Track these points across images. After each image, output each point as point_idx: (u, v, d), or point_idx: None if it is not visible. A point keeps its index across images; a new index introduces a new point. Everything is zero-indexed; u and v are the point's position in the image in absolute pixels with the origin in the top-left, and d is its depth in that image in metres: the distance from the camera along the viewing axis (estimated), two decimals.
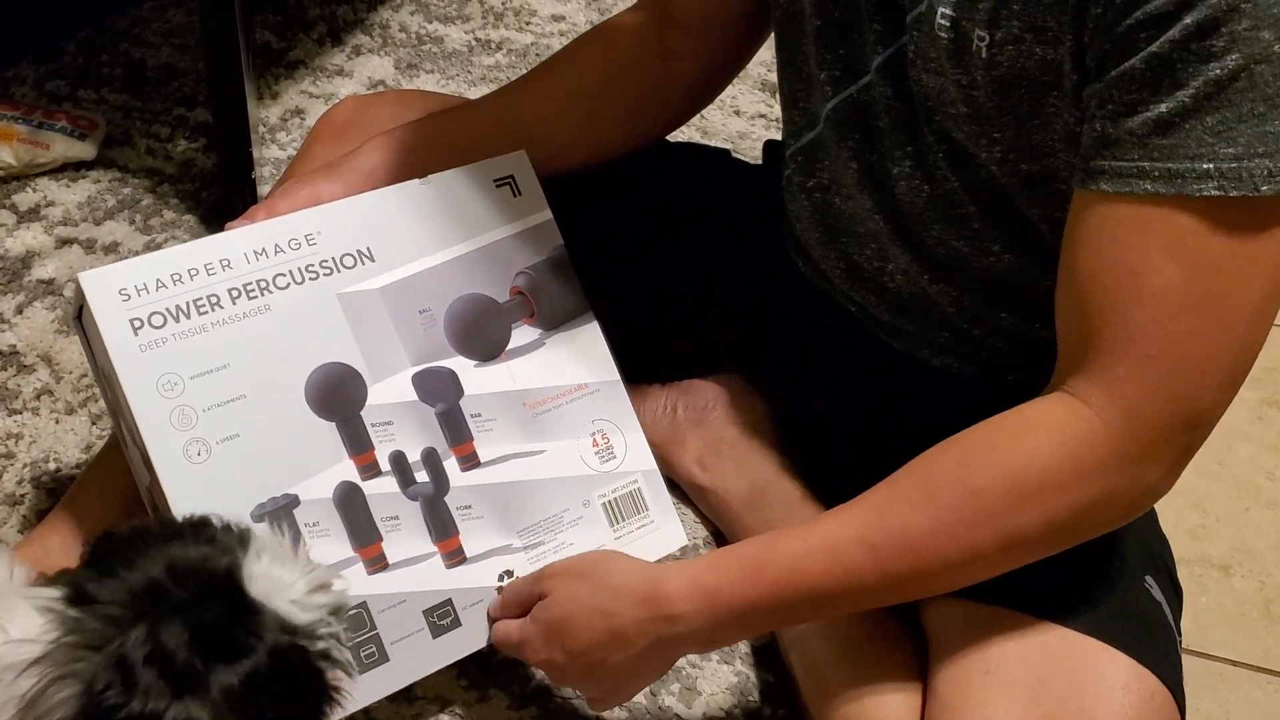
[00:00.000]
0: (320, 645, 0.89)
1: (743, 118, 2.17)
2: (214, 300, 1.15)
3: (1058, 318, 1.08)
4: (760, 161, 1.57)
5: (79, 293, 1.12)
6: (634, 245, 1.48)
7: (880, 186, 1.24)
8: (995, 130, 1.12)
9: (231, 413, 1.14)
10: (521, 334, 1.28)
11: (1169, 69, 0.96)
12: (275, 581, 0.88)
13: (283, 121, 2.00)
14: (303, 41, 2.14)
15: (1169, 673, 1.19)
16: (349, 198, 1.24)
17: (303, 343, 1.18)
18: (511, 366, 1.27)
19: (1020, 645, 1.18)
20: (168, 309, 1.13)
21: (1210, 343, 1.01)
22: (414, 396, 1.22)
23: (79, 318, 1.16)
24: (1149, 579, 1.24)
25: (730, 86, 2.13)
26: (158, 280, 1.13)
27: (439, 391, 1.23)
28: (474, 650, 1.22)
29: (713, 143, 1.84)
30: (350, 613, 1.14)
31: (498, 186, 1.29)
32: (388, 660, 1.16)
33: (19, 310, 1.67)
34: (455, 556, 1.21)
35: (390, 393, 1.21)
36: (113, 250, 1.76)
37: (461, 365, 1.25)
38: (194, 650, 0.83)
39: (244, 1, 1.65)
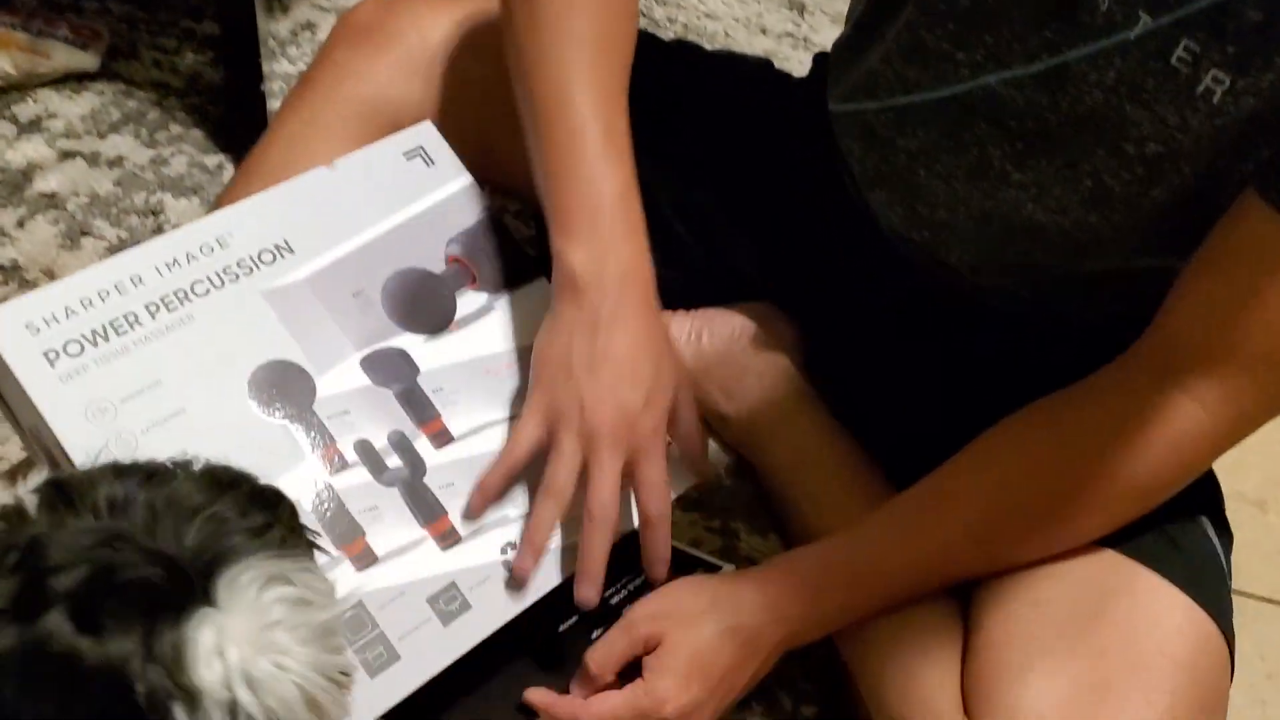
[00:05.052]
0: None
1: (769, 36, 2.09)
2: (132, 319, 1.07)
3: (1177, 309, 1.08)
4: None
5: None
6: (665, 159, 1.38)
7: (989, 183, 1.15)
8: (1186, 166, 1.04)
9: (173, 430, 1.06)
10: (468, 301, 1.20)
11: None
12: (256, 620, 0.70)
13: (293, 35, 1.90)
14: None
15: (1223, 616, 1.12)
16: (254, 195, 1.15)
17: (235, 346, 1.10)
18: (464, 335, 1.19)
19: (1073, 577, 1.13)
20: (83, 335, 1.05)
21: None
22: (367, 381, 1.14)
23: None
24: (1204, 519, 1.18)
25: (756, 3, 2.13)
26: (66, 308, 1.06)
27: (392, 372, 1.15)
28: (491, 632, 1.13)
29: None
30: (348, 615, 1.07)
31: (408, 160, 1.21)
32: (399, 658, 1.08)
33: (20, 224, 1.62)
34: (449, 537, 1.13)
35: (341, 382, 1.13)
36: (118, 164, 1.70)
37: (410, 342, 1.16)
38: (66, 584, 0.68)
39: None
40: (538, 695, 1.13)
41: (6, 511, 0.73)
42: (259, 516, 0.74)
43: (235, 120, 1.72)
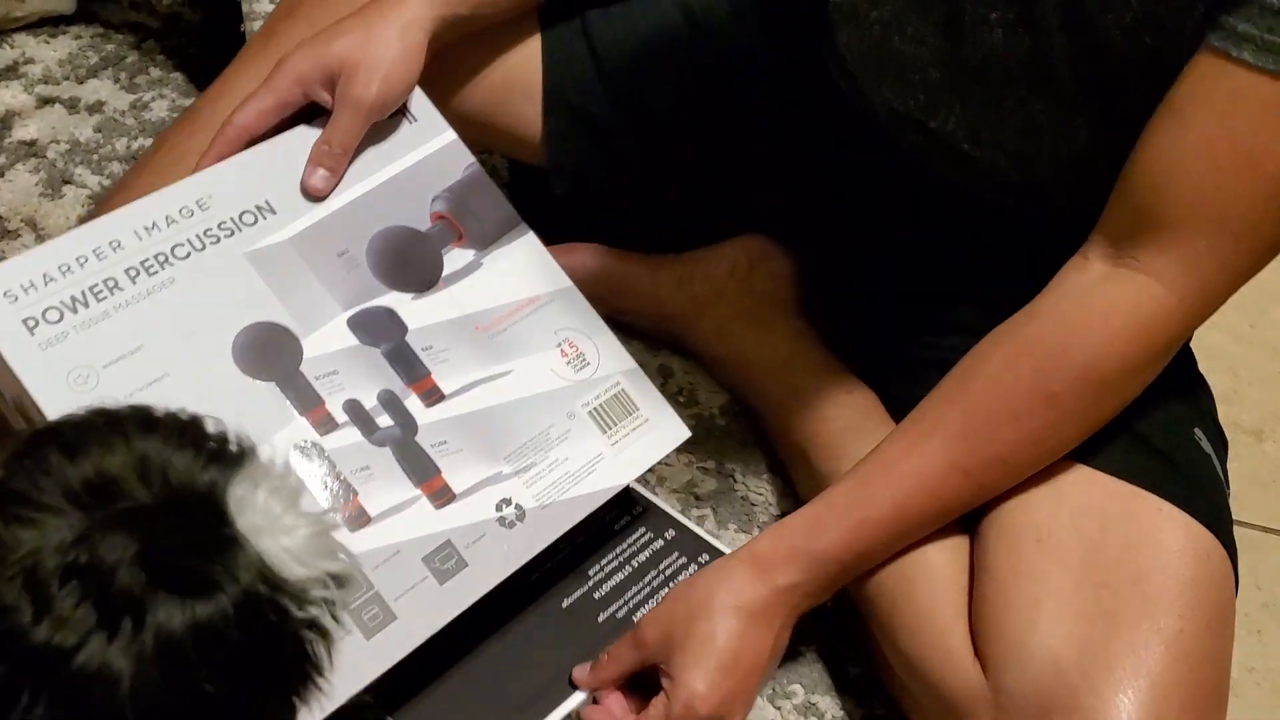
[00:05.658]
0: (309, 612, 0.71)
1: None
2: (111, 284, 1.05)
3: (1130, 179, 1.04)
4: None
5: None
6: (654, 68, 1.35)
7: (972, 32, 1.10)
8: None
9: (157, 395, 1.04)
10: (455, 258, 1.18)
11: None
12: (270, 518, 0.71)
13: None
14: None
15: (1222, 529, 1.12)
16: (233, 156, 1.13)
17: (218, 309, 1.08)
18: (452, 292, 1.17)
19: (1072, 509, 1.12)
20: (62, 302, 1.04)
21: None
22: (355, 341, 1.12)
23: None
24: (1198, 431, 1.16)
25: None
26: (45, 275, 1.04)
27: (379, 331, 1.13)
28: (489, 589, 1.11)
29: None
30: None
31: (390, 116, 1.19)
32: (395, 618, 1.07)
33: (0, 174, 1.59)
34: (442, 496, 1.12)
35: (328, 342, 1.11)
36: (98, 110, 1.67)
37: (398, 300, 1.15)
38: (140, 572, 0.66)
39: None
40: None
41: None
42: (209, 443, 0.74)
43: (216, 62, 1.63)
